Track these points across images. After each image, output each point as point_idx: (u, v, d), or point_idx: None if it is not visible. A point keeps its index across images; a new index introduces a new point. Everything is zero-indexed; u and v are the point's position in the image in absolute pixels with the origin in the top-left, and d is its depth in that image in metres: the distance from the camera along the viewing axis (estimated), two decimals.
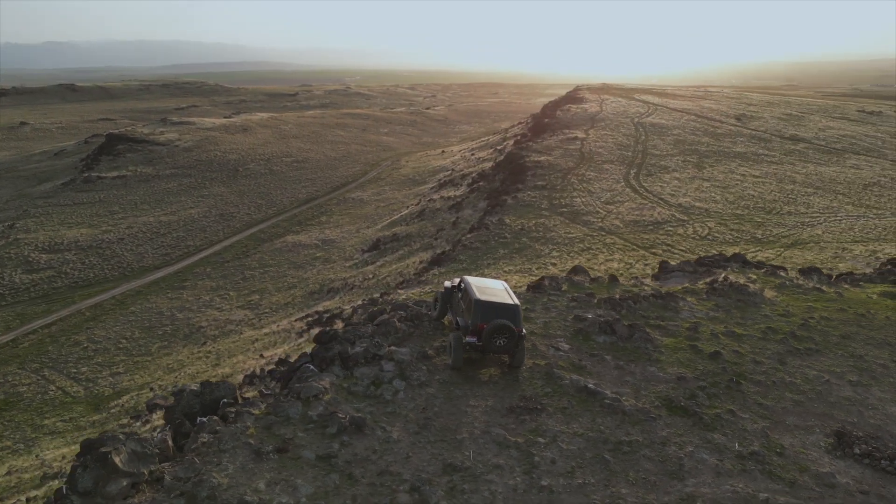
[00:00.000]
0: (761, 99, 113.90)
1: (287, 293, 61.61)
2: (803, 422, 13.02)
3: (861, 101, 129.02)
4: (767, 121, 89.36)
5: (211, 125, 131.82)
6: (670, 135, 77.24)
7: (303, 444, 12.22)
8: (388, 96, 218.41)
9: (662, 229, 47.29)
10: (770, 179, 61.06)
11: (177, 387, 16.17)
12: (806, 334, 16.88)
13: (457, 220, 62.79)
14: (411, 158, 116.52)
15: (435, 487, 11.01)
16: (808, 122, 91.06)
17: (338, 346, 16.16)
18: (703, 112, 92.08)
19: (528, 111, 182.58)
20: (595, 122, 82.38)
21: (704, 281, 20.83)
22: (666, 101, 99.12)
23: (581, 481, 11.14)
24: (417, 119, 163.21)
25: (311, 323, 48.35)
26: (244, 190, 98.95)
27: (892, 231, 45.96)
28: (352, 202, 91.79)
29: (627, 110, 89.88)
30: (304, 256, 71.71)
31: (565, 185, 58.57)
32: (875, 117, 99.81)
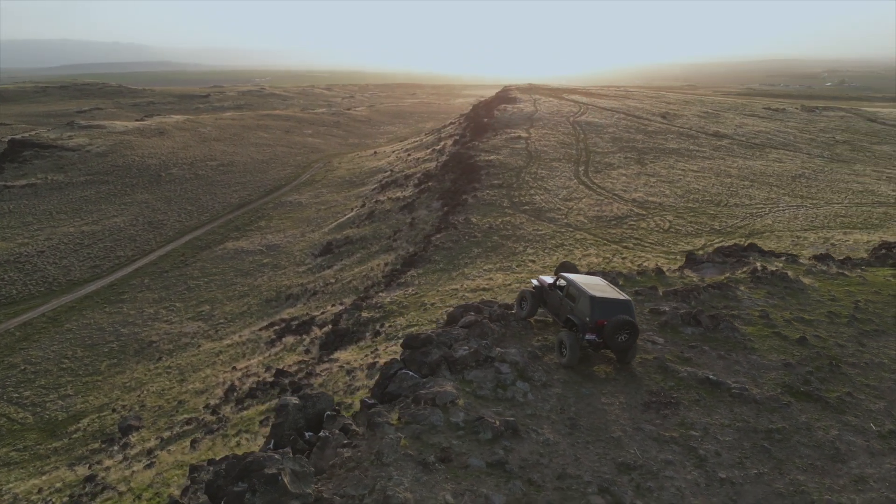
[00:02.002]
0: (678, 98, 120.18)
1: (240, 302, 58.99)
2: None
3: (764, 99, 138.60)
4: (689, 118, 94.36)
5: (123, 129, 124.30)
6: (607, 133, 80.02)
7: (463, 451, 11.73)
8: (305, 97, 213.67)
9: (626, 223, 48.91)
10: (708, 174, 64.50)
11: (281, 401, 15.03)
12: (864, 317, 17.98)
13: (413, 220, 62.31)
14: (343, 160, 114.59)
15: (622, 487, 10.87)
16: (724, 120, 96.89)
17: (437, 350, 15.63)
18: (630, 111, 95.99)
19: (450, 111, 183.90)
20: (534, 122, 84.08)
21: (742, 270, 21.71)
22: (594, 101, 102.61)
23: (755, 471, 11.33)
24: (341, 120, 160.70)
25: (280, 332, 46.55)
26: (171, 196, 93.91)
27: (832, 219, 49.69)
28: (290, 206, 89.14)
29: (561, 109, 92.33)
30: (250, 263, 68.91)
31: (521, 184, 59.42)
32: (781, 114, 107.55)
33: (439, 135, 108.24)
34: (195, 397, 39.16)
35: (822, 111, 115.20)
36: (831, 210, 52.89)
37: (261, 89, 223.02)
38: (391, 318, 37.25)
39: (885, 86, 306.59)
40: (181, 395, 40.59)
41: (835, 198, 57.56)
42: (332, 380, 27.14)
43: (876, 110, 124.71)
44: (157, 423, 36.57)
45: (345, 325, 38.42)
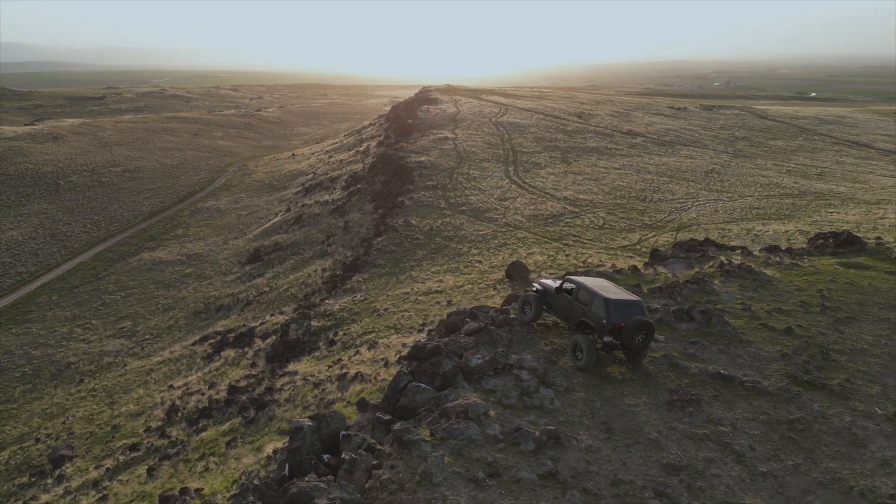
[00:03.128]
0: (589, 98, 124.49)
1: (165, 316, 55.72)
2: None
3: (665, 99, 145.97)
4: (603, 118, 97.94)
5: (12, 134, 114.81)
6: (529, 133, 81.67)
7: (510, 465, 11.51)
8: (210, 98, 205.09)
9: (562, 221, 50.07)
10: (630, 171, 67.16)
11: (294, 423, 14.16)
12: (832, 305, 19.19)
13: (346, 224, 61.14)
14: (260, 163, 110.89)
15: (676, 490, 11.00)
16: (635, 119, 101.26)
17: (448, 361, 15.27)
18: (548, 111, 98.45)
19: (364, 112, 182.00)
20: (458, 123, 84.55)
21: (710, 265, 22.65)
22: (513, 102, 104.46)
23: (791, 462, 11.79)
24: (251, 122, 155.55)
25: (217, 345, 44.34)
26: (73, 206, 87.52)
27: (748, 211, 52.96)
28: (207, 212, 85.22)
29: (483, 110, 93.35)
30: (171, 274, 65.28)
31: (455, 185, 59.59)
32: (684, 112, 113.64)
33: (360, 136, 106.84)
34: (131, 420, 36.60)
35: (719, 110, 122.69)
36: (746, 203, 56.40)
37: (161, 90, 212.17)
38: (343, 325, 36.32)
39: (766, 85, 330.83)
40: (114, 420, 37.81)
41: (746, 191, 61.42)
42: (298, 394, 26.06)
43: (765, 108, 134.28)
44: (91, 451, 33.89)
45: (294, 335, 37.07)
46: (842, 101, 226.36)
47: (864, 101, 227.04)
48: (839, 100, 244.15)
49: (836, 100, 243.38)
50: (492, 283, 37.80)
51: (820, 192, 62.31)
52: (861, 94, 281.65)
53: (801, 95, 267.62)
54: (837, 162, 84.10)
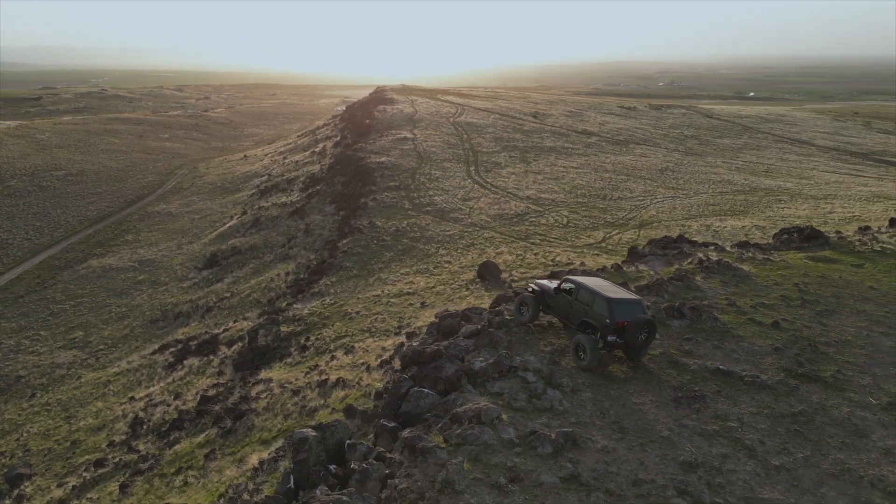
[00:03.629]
0: (543, 98, 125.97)
1: (120, 325, 53.64)
2: (887, 371, 15.47)
3: (614, 98, 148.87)
4: (558, 118, 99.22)
5: None
6: (488, 133, 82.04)
7: (530, 469, 11.41)
8: (154, 99, 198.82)
9: (527, 220, 50.42)
10: (588, 170, 68.19)
11: (293, 435, 13.70)
12: (811, 298, 19.81)
13: (307, 227, 60.13)
14: (211, 165, 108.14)
15: (696, 487, 11.10)
16: (588, 118, 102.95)
17: (450, 365, 15.07)
18: (503, 111, 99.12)
19: (316, 112, 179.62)
20: (416, 123, 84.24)
21: (689, 262, 23.10)
22: (468, 102, 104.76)
23: (801, 455, 12.06)
24: (199, 123, 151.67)
25: (178, 354, 42.92)
26: (13, 212, 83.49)
27: (705, 207, 54.44)
28: (159, 216, 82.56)
29: (440, 110, 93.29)
30: (124, 281, 62.92)
31: (418, 185, 59.33)
32: (634, 112, 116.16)
33: (315, 137, 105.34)
34: (92, 435, 35.04)
35: (667, 109, 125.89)
36: (701, 199, 57.97)
37: (101, 91, 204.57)
38: (315, 330, 35.64)
39: (707, 85, 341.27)
40: (73, 435, 36.12)
41: (700, 188, 63.15)
42: (277, 402, 25.39)
43: (710, 107, 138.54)
44: (51, 468, 32.28)
45: (263, 341, 36.17)
46: (779, 101, 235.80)
47: (799, 101, 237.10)
48: (776, 99, 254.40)
49: (774, 99, 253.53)
50: (463, 283, 37.71)
51: (769, 188, 64.55)
52: (796, 93, 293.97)
53: (740, 95, 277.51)
54: (782, 159, 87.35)
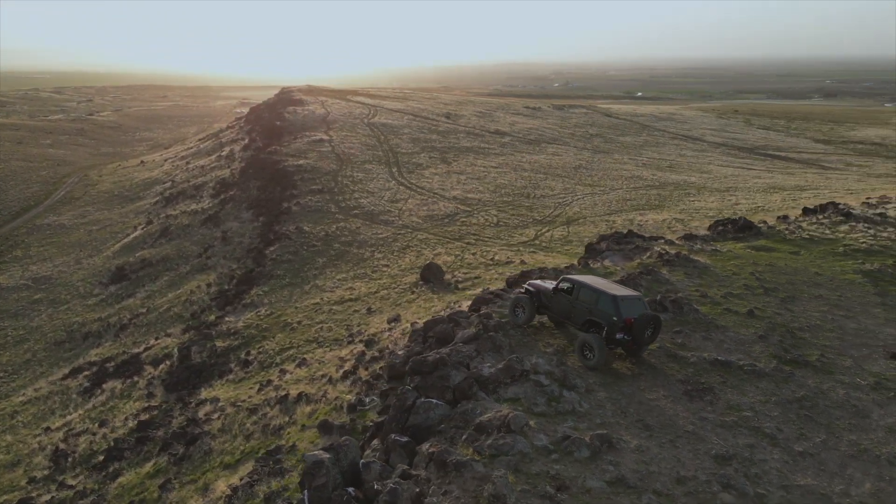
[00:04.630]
0: (451, 99, 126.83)
1: (19, 349, 48.72)
2: (861, 352, 16.42)
3: (516, 99, 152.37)
4: (470, 118, 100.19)
5: None
6: (404, 134, 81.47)
7: (574, 475, 11.14)
8: (30, 102, 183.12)
9: (458, 221, 50.38)
10: (507, 169, 69.20)
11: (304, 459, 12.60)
12: (770, 286, 20.79)
13: (224, 234, 57.22)
14: (103, 172, 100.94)
15: (737, 480, 11.20)
16: (498, 118, 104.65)
17: (457, 372, 14.51)
18: (416, 112, 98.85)
19: (214, 115, 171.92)
20: (329, 125, 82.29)
21: (648, 255, 23.69)
22: (380, 103, 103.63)
23: (818, 439, 12.51)
24: (85, 127, 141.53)
25: (94, 377, 39.55)
26: None
27: (623, 202, 56.59)
28: (49, 229, 75.96)
29: (352, 112, 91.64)
30: (17, 302, 57.31)
31: (342, 188, 57.91)
32: (539, 112, 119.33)
33: (219, 140, 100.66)
34: (7, 472, 31.46)
35: (569, 109, 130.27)
36: (617, 195, 60.22)
37: None
38: (254, 343, 33.82)
39: (598, 85, 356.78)
40: None
41: (615, 184, 65.62)
42: (233, 422, 23.76)
43: (608, 106, 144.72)
44: None
45: (198, 358, 33.88)
46: (665, 100, 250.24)
47: (684, 100, 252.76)
48: (662, 98, 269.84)
49: (660, 98, 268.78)
50: (407, 286, 37.06)
51: (676, 182, 68.04)
52: (679, 93, 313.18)
53: (630, 94, 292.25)
54: (680, 155, 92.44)
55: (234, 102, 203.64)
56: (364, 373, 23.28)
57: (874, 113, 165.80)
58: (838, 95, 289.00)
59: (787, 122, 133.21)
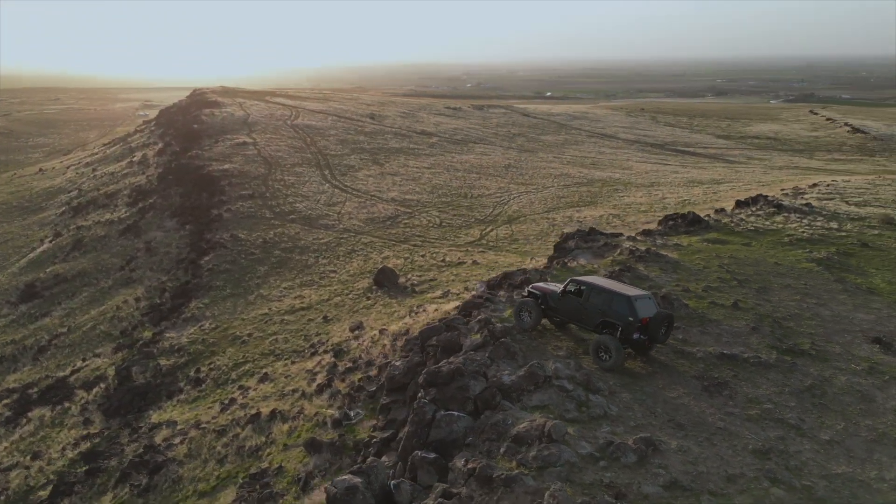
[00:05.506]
0: (372, 99, 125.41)
1: None
2: (844, 338, 17.24)
3: (435, 99, 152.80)
4: (395, 119, 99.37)
5: None
6: (331, 135, 79.68)
7: (627, 481, 10.96)
8: None
9: (400, 223, 49.69)
10: (440, 169, 69.05)
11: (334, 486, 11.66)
12: (741, 278, 21.55)
13: (148, 245, 53.91)
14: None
15: (781, 473, 11.37)
16: (422, 119, 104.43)
17: (476, 382, 14.03)
18: (339, 113, 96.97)
19: (115, 118, 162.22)
20: (252, 127, 79.24)
21: (619, 252, 24.04)
22: (301, 104, 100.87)
23: (839, 427, 12.96)
24: None
25: (17, 406, 36.16)
26: None
27: (558, 200, 57.69)
28: None
29: (274, 113, 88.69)
30: None
31: (274, 193, 55.85)
32: (461, 112, 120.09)
33: (128, 145, 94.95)
34: None
35: (489, 109, 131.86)
36: (551, 193, 61.34)
37: None
38: (203, 359, 31.89)
39: (509, 85, 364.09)
40: None
41: (546, 182, 66.81)
42: (201, 446, 22.17)
43: (525, 106, 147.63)
44: None
45: (141, 378, 31.55)
46: (573, 99, 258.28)
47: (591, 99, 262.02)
48: (571, 98, 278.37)
49: (569, 98, 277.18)
50: (361, 292, 36.08)
51: (603, 179, 70.09)
52: (584, 92, 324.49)
53: (540, 94, 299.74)
54: (600, 152, 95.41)
55: (136, 105, 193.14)
56: (341, 385, 22.34)
57: (764, 109, 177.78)
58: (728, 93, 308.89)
59: (689, 119, 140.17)
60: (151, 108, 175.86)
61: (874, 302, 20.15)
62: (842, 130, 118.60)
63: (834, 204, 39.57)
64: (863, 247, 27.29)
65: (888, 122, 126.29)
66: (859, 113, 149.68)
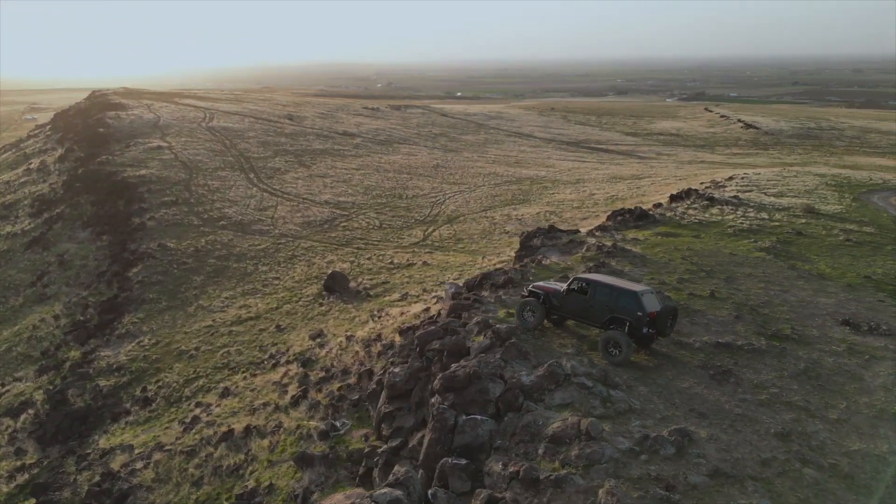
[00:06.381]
0: (287, 100, 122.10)
1: None
2: (816, 321, 18.30)
3: (347, 100, 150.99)
4: (314, 120, 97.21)
5: None
6: (251, 138, 76.86)
7: (672, 473, 11.19)
8: None
9: (339, 226, 48.62)
10: (370, 170, 68.16)
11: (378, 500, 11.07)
12: (707, 269, 22.48)
13: (61, 259, 50.07)
14: None
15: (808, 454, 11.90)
16: (341, 119, 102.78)
17: (494, 385, 13.86)
18: (256, 114, 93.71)
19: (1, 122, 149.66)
20: (164, 130, 75.09)
21: (587, 249, 24.51)
22: (213, 105, 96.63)
23: (842, 406, 13.76)
24: None
25: None
26: None
27: (492, 199, 58.32)
28: None
29: (186, 115, 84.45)
30: None
31: (199, 198, 53.22)
32: (380, 113, 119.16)
33: (21, 151, 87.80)
34: None
35: (407, 109, 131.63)
36: (484, 192, 61.91)
37: None
38: (148, 377, 29.89)
39: (420, 85, 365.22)
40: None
41: (477, 181, 67.36)
42: (171, 469, 20.70)
43: (442, 106, 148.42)
44: None
45: (79, 401, 29.15)
46: (485, 100, 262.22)
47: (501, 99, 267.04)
48: (481, 98, 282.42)
49: (480, 98, 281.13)
50: (311, 298, 34.97)
51: (530, 177, 71.47)
52: (494, 92, 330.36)
53: (451, 94, 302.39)
54: (521, 151, 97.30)
55: (21, 108, 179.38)
56: (319, 395, 21.51)
57: (663, 107, 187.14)
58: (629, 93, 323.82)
59: (598, 118, 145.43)
60: (39, 110, 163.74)
61: (829, 286, 21.61)
62: (736, 127, 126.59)
63: (755, 195, 42.07)
64: (798, 235, 29.21)
65: (775, 118, 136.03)
66: (749, 110, 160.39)
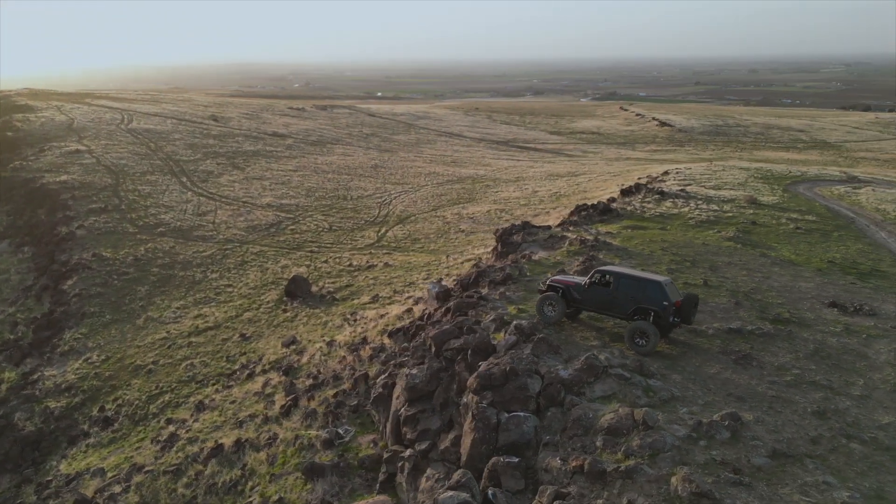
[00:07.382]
0: (209, 100, 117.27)
1: None
2: (805, 305, 19.11)
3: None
4: (240, 121, 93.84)
5: None
6: (177, 140, 73.22)
7: (735, 457, 11.39)
8: None
9: (286, 229, 47.05)
10: (308, 172, 66.45)
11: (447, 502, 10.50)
12: (689, 258, 23.12)
13: None
14: None
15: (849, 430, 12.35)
16: (267, 120, 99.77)
17: (533, 381, 13.63)
18: (178, 115, 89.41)
19: None
20: (80, 133, 70.26)
21: (570, 243, 24.70)
22: (130, 106, 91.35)
23: (861, 382, 14.39)
24: None
25: None
26: None
27: (439, 198, 58.14)
28: None
29: (101, 117, 79.37)
30: None
31: (130, 204, 50.13)
32: (306, 113, 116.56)
33: None
34: None
35: (333, 109, 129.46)
36: (429, 191, 61.62)
37: None
38: (104, 396, 27.80)
39: (338, 85, 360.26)
40: None
41: (419, 181, 66.97)
42: (158, 490, 19.20)
43: (367, 106, 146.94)
44: None
45: (29, 425, 26.68)
46: (406, 100, 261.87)
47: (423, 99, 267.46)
48: (403, 98, 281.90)
49: (401, 98, 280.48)
50: (272, 304, 33.59)
51: (471, 176, 71.79)
52: (414, 92, 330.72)
53: (371, 94, 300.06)
54: (455, 150, 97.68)
55: None
56: (312, 403, 20.58)
57: (580, 107, 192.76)
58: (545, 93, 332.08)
59: (521, 118, 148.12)
60: None
61: (803, 272, 22.74)
62: (651, 125, 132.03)
63: (697, 189, 43.84)
64: (753, 224, 30.64)
65: (686, 115, 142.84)
66: (660, 108, 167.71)
